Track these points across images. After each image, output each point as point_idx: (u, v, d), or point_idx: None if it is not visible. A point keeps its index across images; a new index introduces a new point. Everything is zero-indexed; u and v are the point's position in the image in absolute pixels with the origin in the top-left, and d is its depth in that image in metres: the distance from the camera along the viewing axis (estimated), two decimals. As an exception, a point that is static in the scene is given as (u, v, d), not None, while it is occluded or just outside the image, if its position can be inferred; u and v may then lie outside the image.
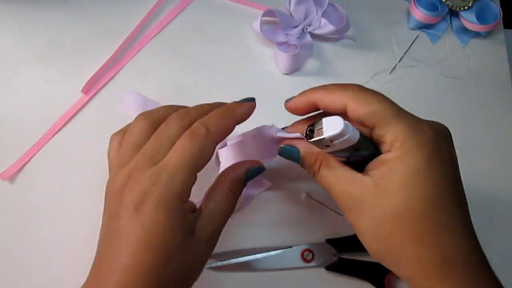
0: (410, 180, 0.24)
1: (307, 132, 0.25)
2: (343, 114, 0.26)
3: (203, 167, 0.28)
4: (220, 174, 0.30)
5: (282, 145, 0.31)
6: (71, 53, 0.45)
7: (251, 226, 0.39)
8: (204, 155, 0.27)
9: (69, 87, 0.42)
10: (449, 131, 0.28)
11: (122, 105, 0.42)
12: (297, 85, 0.45)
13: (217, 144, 0.28)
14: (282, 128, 0.33)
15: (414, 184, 0.24)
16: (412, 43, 0.49)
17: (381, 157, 0.26)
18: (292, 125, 0.32)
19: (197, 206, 0.30)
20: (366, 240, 0.27)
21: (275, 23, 0.47)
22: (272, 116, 0.44)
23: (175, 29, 0.47)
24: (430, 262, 0.24)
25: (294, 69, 0.46)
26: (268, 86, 0.45)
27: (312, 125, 0.25)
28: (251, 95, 0.44)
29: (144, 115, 0.30)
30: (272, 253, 0.37)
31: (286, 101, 0.31)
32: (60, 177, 0.39)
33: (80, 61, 0.44)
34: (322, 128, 0.24)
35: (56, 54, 0.44)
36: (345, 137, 0.24)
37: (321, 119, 0.24)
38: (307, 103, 0.29)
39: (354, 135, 0.24)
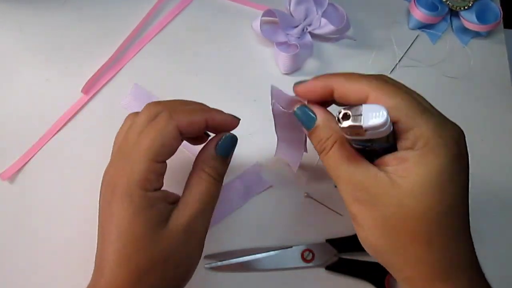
0: (431, 183, 0.23)
1: (341, 116, 0.23)
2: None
3: (168, 154, 0.28)
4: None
5: (299, 106, 0.28)
6: (71, 53, 0.45)
7: (251, 226, 0.39)
8: (164, 142, 0.27)
9: (69, 87, 0.42)
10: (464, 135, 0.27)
11: (125, 98, 0.42)
12: (297, 85, 0.45)
13: (182, 133, 0.28)
14: (299, 82, 0.29)
15: (434, 188, 0.23)
16: (412, 43, 0.49)
17: (401, 154, 0.24)
18: (307, 84, 0.28)
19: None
20: (367, 234, 0.25)
21: (275, 23, 0.47)
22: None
23: (175, 29, 0.47)
24: (436, 265, 0.24)
25: (294, 69, 0.46)
26: (268, 86, 0.45)
27: (348, 108, 0.22)
28: (251, 95, 0.45)
29: (152, 104, 0.29)
30: (272, 253, 0.37)
31: (296, 84, 0.28)
32: (60, 177, 0.39)
33: (80, 61, 0.44)
34: (361, 115, 0.22)
35: (56, 54, 0.44)
36: (383, 129, 0.22)
37: (361, 105, 0.22)
38: (322, 88, 0.27)
39: (388, 128, 0.23)
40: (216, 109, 0.31)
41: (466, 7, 0.48)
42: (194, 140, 0.33)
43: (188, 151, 0.41)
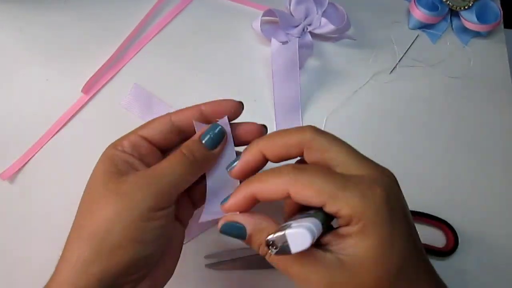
0: (377, 254, 0.23)
1: (269, 246, 0.23)
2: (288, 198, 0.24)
3: (153, 131, 0.29)
4: None
5: (223, 222, 0.27)
6: (71, 53, 0.45)
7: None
8: (154, 121, 0.29)
9: (69, 87, 0.42)
10: (394, 177, 0.26)
11: (125, 98, 0.43)
12: (297, 85, 0.45)
13: (177, 124, 0.29)
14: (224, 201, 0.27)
15: (382, 258, 0.23)
16: (412, 43, 0.49)
17: (340, 231, 0.24)
18: (233, 195, 0.27)
19: None
20: None
21: (275, 22, 0.47)
22: (273, 115, 0.44)
23: (175, 29, 0.47)
24: None
25: (294, 69, 0.46)
26: (268, 86, 0.45)
27: (272, 235, 0.22)
28: (251, 95, 0.45)
29: None
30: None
31: (222, 203, 0.27)
32: (60, 177, 0.39)
33: (80, 61, 0.44)
34: (287, 243, 0.22)
35: (56, 54, 0.44)
36: (316, 235, 0.22)
37: (284, 232, 0.22)
38: (245, 200, 0.26)
39: (317, 226, 0.23)
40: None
41: (466, 7, 0.48)
42: None
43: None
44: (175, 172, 0.27)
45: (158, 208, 0.26)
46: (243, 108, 0.31)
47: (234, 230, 0.26)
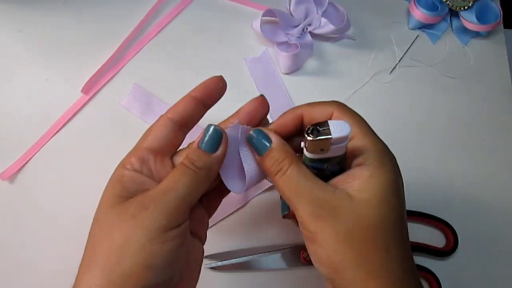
0: (384, 194, 0.26)
1: (309, 131, 0.24)
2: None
3: (157, 141, 0.28)
4: None
5: (254, 129, 0.28)
6: (71, 53, 0.45)
7: (251, 226, 0.39)
8: (152, 129, 0.29)
9: (69, 87, 0.42)
10: None
11: (125, 98, 0.43)
12: (297, 85, 0.45)
13: (178, 122, 0.29)
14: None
15: (388, 198, 0.26)
16: (412, 43, 0.49)
17: (353, 172, 0.26)
18: (279, 119, 0.30)
19: None
20: (329, 252, 0.25)
21: (275, 22, 0.47)
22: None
23: (175, 29, 0.47)
24: (396, 272, 0.25)
25: (295, 68, 0.46)
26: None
27: (316, 125, 0.25)
28: (251, 95, 0.44)
29: None
30: (272, 253, 0.37)
31: (266, 124, 0.30)
32: (60, 177, 0.39)
33: (80, 61, 0.44)
34: (328, 128, 0.24)
35: (56, 54, 0.44)
36: (344, 143, 0.25)
37: (327, 121, 0.25)
38: (293, 118, 0.29)
39: (346, 145, 0.25)
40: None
41: (466, 7, 0.48)
42: None
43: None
44: (181, 186, 0.25)
45: (169, 228, 0.24)
46: (225, 81, 0.32)
47: (260, 138, 0.27)
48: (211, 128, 0.28)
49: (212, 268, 0.37)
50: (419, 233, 0.40)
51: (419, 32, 0.50)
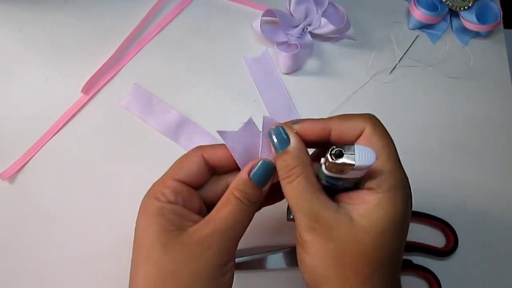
0: (387, 227, 0.25)
1: (334, 152, 0.24)
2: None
3: (187, 176, 0.28)
4: None
5: (276, 126, 0.28)
6: (71, 53, 0.45)
7: (251, 226, 0.39)
8: (184, 163, 0.28)
9: (69, 87, 0.42)
10: None
11: (125, 98, 0.43)
12: (297, 85, 0.45)
13: (209, 163, 0.29)
14: (295, 122, 0.29)
15: (391, 232, 0.25)
16: (412, 43, 0.49)
17: (363, 194, 0.26)
18: (307, 123, 0.28)
19: None
20: (314, 263, 0.26)
21: (275, 23, 0.47)
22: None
23: (175, 29, 0.47)
24: None
25: (295, 68, 0.46)
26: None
27: (341, 147, 0.24)
28: (251, 95, 0.45)
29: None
30: (272, 253, 0.37)
31: (293, 122, 0.28)
32: (60, 177, 0.39)
33: (80, 61, 0.44)
34: (353, 154, 0.24)
35: (56, 54, 0.44)
36: (366, 169, 0.24)
37: (353, 145, 0.24)
38: (321, 129, 0.27)
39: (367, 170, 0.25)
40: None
41: (466, 7, 0.48)
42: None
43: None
44: (238, 223, 0.27)
45: (227, 262, 0.26)
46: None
47: (280, 136, 0.27)
48: (266, 164, 0.28)
49: (212, 268, 0.37)
50: (419, 233, 0.40)
51: (419, 32, 0.50)
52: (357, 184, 0.27)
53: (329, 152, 0.24)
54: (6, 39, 0.45)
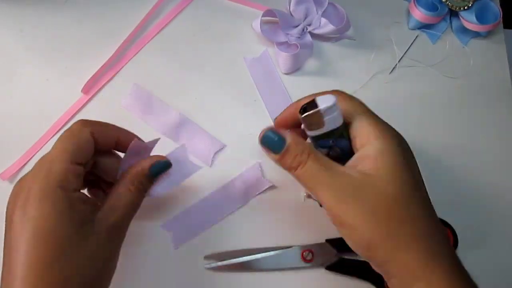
0: (398, 168, 0.27)
1: (301, 110, 0.27)
2: None
3: (84, 158, 0.28)
4: (127, 168, 0.31)
5: (266, 130, 0.29)
6: (71, 53, 0.45)
7: (251, 226, 0.39)
8: (80, 145, 0.28)
9: (69, 87, 0.43)
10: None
11: (125, 98, 0.43)
12: (297, 85, 0.45)
13: (95, 142, 0.29)
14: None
15: (402, 172, 0.27)
16: (412, 43, 0.49)
17: (360, 153, 0.28)
18: (281, 114, 0.33)
19: None
20: (360, 232, 0.27)
21: (275, 23, 0.47)
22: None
23: (175, 29, 0.47)
24: (426, 239, 0.26)
25: (295, 68, 0.46)
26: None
27: (306, 104, 0.27)
28: (251, 95, 0.45)
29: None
30: (272, 253, 0.37)
31: (275, 118, 0.33)
32: (60, 177, 0.39)
33: (80, 61, 0.44)
34: (315, 103, 0.27)
35: (56, 54, 0.44)
36: (335, 113, 0.27)
37: (315, 98, 0.27)
38: (293, 113, 0.31)
39: (340, 115, 0.28)
40: (129, 131, 0.33)
41: (465, 7, 0.48)
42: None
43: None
44: (136, 207, 0.31)
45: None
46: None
47: (275, 140, 0.28)
48: (167, 163, 0.32)
49: (212, 268, 0.37)
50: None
51: (419, 32, 0.50)
52: (349, 142, 0.29)
53: (299, 112, 0.28)
54: (6, 39, 0.45)
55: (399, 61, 0.48)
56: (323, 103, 0.27)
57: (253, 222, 0.39)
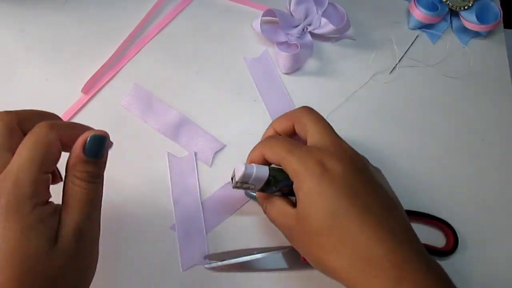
0: (307, 202, 0.29)
1: (231, 179, 0.32)
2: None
3: (52, 165, 0.26)
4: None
5: (244, 192, 0.39)
6: (71, 53, 0.45)
7: (251, 226, 0.39)
8: (48, 152, 0.25)
9: (69, 87, 0.42)
10: (349, 151, 0.32)
11: (125, 98, 0.43)
12: (297, 85, 0.45)
13: (63, 145, 0.26)
14: None
15: (311, 205, 0.29)
16: (412, 43, 0.49)
17: (294, 186, 0.31)
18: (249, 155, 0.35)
19: None
20: (306, 258, 0.32)
21: (275, 22, 0.47)
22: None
23: (175, 29, 0.47)
24: (355, 264, 0.27)
25: (295, 68, 0.46)
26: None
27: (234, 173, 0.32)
28: (251, 95, 0.45)
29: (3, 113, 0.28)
30: (272, 253, 0.37)
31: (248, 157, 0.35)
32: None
33: (80, 61, 0.44)
34: (234, 173, 0.31)
35: (56, 54, 0.44)
36: (254, 175, 0.30)
37: (234, 169, 0.32)
38: (259, 154, 0.34)
39: (262, 172, 0.31)
40: (88, 127, 0.29)
41: (466, 7, 0.48)
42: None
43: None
44: (96, 201, 0.28)
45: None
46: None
47: (250, 195, 0.38)
48: (96, 136, 0.27)
49: (212, 268, 0.37)
50: (419, 233, 0.40)
51: (419, 32, 0.50)
52: (288, 183, 0.32)
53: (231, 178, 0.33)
54: (6, 39, 0.45)
55: (399, 61, 0.48)
56: (239, 171, 0.30)
57: (253, 222, 0.39)
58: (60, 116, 0.41)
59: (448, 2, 0.49)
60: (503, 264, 0.40)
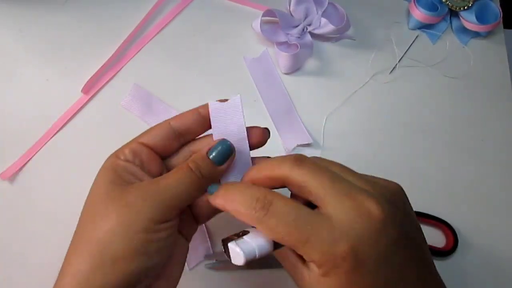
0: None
1: (224, 246, 0.27)
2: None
3: (154, 140, 0.29)
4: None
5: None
6: (71, 53, 0.45)
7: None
8: (153, 129, 0.30)
9: (69, 87, 0.42)
10: (379, 209, 0.24)
11: (125, 98, 0.43)
12: (297, 85, 0.45)
13: (177, 130, 0.30)
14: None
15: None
16: (412, 43, 0.49)
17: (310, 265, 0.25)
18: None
19: None
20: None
21: (275, 23, 0.47)
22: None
23: (175, 29, 0.47)
24: None
25: (295, 68, 0.46)
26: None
27: (227, 239, 0.26)
28: (251, 95, 0.45)
29: None
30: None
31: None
32: (60, 176, 0.39)
33: (80, 61, 0.44)
34: (230, 253, 0.26)
35: (56, 54, 0.44)
36: (257, 256, 0.25)
37: (227, 244, 0.26)
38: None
39: (264, 249, 0.25)
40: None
41: (466, 7, 0.48)
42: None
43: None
44: (181, 186, 0.26)
45: (162, 221, 0.25)
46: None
47: None
48: (226, 145, 0.28)
49: (212, 268, 0.37)
50: (419, 233, 0.40)
51: (419, 32, 0.50)
52: None
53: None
54: (6, 39, 0.45)
55: (399, 61, 0.48)
56: (235, 258, 0.25)
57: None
58: (60, 116, 0.42)
59: (448, 2, 0.49)
60: (503, 264, 0.40)
